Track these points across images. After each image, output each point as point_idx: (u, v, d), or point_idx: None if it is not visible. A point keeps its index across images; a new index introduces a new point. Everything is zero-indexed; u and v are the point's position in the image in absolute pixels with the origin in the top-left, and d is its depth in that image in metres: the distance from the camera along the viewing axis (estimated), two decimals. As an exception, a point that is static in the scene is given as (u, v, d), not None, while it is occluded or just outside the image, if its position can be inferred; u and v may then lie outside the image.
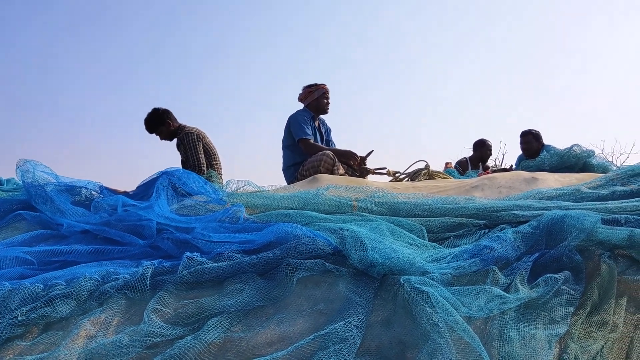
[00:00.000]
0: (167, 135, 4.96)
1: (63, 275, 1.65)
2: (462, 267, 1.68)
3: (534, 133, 5.89)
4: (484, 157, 6.86)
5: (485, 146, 6.86)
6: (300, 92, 4.92)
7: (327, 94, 4.89)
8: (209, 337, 1.38)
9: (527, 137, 5.90)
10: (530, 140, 5.86)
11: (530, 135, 5.88)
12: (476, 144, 6.91)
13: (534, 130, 5.91)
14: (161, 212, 2.25)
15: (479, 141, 6.91)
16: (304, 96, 4.88)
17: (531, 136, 5.87)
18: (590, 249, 1.84)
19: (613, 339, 1.49)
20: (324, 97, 4.86)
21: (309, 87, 4.88)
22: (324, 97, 4.86)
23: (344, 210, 2.34)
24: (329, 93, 4.90)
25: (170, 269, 1.70)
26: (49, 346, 1.39)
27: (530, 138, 5.87)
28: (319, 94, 4.83)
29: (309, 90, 4.86)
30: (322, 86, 4.87)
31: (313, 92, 4.85)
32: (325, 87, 4.88)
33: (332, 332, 1.37)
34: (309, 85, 4.89)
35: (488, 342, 1.41)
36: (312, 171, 4.26)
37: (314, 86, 4.87)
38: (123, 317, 1.52)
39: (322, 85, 4.88)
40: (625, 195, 2.52)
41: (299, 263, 1.68)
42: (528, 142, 5.87)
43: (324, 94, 4.86)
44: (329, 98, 4.91)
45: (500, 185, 2.93)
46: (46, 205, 2.41)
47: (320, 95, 4.83)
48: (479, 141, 6.91)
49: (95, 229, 2.18)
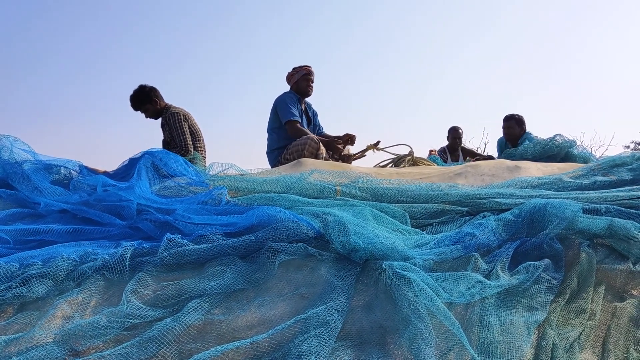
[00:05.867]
0: (152, 114, 4.87)
1: (39, 255, 1.61)
2: (444, 254, 1.69)
3: (517, 118, 5.88)
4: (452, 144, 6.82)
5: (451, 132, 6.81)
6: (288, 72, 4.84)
7: (309, 76, 4.73)
8: (189, 320, 1.36)
9: (509, 122, 5.89)
10: (512, 125, 5.86)
11: (513, 120, 5.87)
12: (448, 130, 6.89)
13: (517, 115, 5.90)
14: (142, 193, 2.21)
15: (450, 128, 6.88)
16: (288, 77, 4.78)
17: (514, 121, 5.87)
18: (570, 238, 1.86)
19: (591, 327, 1.51)
20: (305, 79, 4.72)
21: (293, 68, 4.77)
22: (305, 78, 4.72)
23: (328, 194, 2.33)
24: (312, 75, 4.75)
25: (150, 250, 1.67)
26: (24, 326, 1.37)
27: (512, 123, 5.86)
28: (300, 76, 4.70)
29: (292, 72, 4.75)
30: (305, 68, 4.73)
31: (294, 74, 4.73)
32: (308, 68, 4.73)
33: (313, 315, 1.37)
34: (294, 68, 4.77)
35: (468, 327, 1.42)
36: (295, 155, 4.23)
37: (297, 68, 4.75)
38: (101, 298, 1.50)
39: (304, 67, 4.73)
40: (605, 185, 2.56)
41: (281, 246, 1.67)
42: (510, 126, 5.87)
43: (305, 76, 4.71)
44: (312, 81, 4.77)
45: (483, 173, 2.95)
46: (23, 183, 2.36)
47: (301, 77, 4.70)
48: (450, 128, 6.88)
49: (73, 208, 2.13)
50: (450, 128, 6.86)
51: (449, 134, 6.86)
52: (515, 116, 5.90)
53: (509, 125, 5.90)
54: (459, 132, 6.79)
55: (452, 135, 6.81)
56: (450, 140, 6.83)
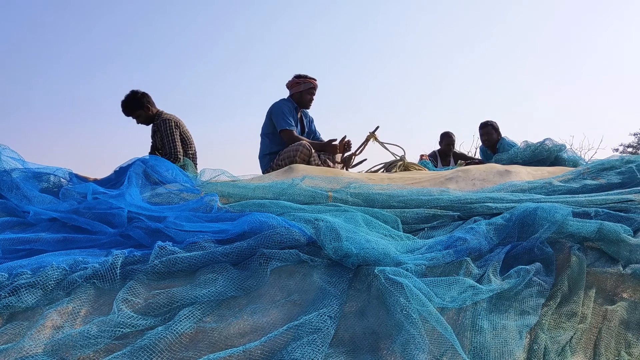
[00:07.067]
0: (144, 120, 4.83)
1: (29, 264, 1.60)
2: (436, 258, 1.69)
3: (492, 124, 6.00)
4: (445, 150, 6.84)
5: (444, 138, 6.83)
6: (290, 79, 4.81)
7: (313, 90, 4.76)
8: (181, 328, 1.35)
9: (487, 129, 6.00)
10: (490, 131, 5.97)
11: (490, 127, 5.99)
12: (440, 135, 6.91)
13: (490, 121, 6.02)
14: (132, 200, 2.20)
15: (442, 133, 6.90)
16: (291, 84, 4.75)
17: (490, 127, 5.99)
18: (560, 241, 1.87)
19: (582, 330, 1.52)
20: (308, 92, 4.73)
21: (299, 77, 4.74)
22: (309, 92, 4.73)
23: (320, 200, 2.32)
24: (316, 90, 4.78)
25: (141, 258, 1.66)
26: (13, 337, 1.35)
27: (490, 129, 5.98)
28: (305, 88, 4.69)
29: (297, 80, 4.72)
30: (311, 80, 4.74)
31: (300, 84, 4.70)
32: (314, 82, 4.75)
33: (305, 322, 1.36)
34: (300, 76, 4.75)
35: (461, 332, 1.42)
36: (287, 161, 4.22)
37: (303, 78, 4.73)
38: (92, 307, 1.49)
39: (312, 79, 4.75)
40: (595, 188, 2.58)
41: (273, 253, 1.66)
42: (488, 132, 5.98)
43: (310, 89, 4.72)
44: (314, 95, 4.79)
45: (474, 177, 2.96)
46: (12, 192, 2.34)
47: (306, 89, 4.70)
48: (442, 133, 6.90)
49: (63, 217, 2.12)
50: (442, 133, 6.87)
51: (441, 139, 6.87)
52: (490, 122, 6.01)
53: (486, 132, 6.00)
54: (452, 139, 6.81)
55: (445, 141, 6.81)
56: (443, 146, 6.83)
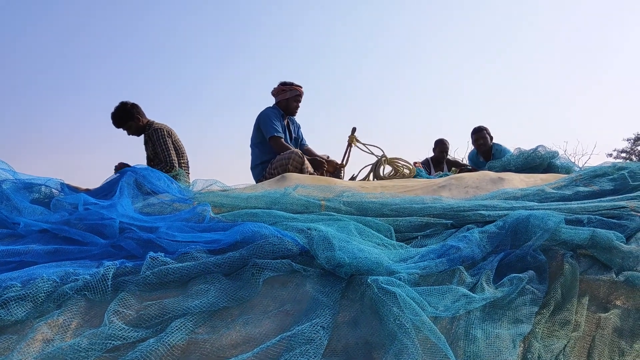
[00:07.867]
0: (135, 131, 4.82)
1: (19, 277, 1.58)
2: (429, 267, 1.69)
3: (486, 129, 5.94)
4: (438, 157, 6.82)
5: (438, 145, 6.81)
6: (275, 87, 4.82)
7: (299, 97, 4.79)
8: (173, 339, 1.34)
9: (481, 133, 5.91)
10: (484, 136, 5.90)
11: (484, 132, 5.92)
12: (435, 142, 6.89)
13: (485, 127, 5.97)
14: (124, 211, 2.19)
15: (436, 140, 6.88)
16: (276, 92, 4.77)
17: (485, 132, 5.92)
18: (553, 249, 1.87)
19: (575, 338, 1.52)
20: (295, 100, 4.76)
21: (285, 84, 4.77)
22: (295, 99, 4.76)
23: (312, 209, 2.32)
24: (301, 97, 4.81)
25: (133, 269, 1.65)
26: (2, 351, 1.33)
27: (484, 134, 5.90)
28: (291, 95, 4.73)
29: (283, 88, 4.75)
30: (297, 88, 4.77)
31: (286, 91, 4.74)
32: (300, 89, 4.78)
33: (298, 333, 1.36)
34: (285, 83, 4.77)
35: (454, 341, 1.42)
36: (280, 170, 4.22)
37: (289, 85, 4.76)
38: (82, 320, 1.47)
39: (297, 86, 4.77)
40: (587, 195, 2.59)
41: (265, 263, 1.65)
42: (483, 137, 5.90)
43: (296, 96, 4.76)
44: (300, 102, 4.81)
45: (467, 185, 2.96)
46: (2, 203, 2.32)
47: (292, 96, 4.74)
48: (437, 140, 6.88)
49: (54, 228, 2.10)
50: (437, 140, 6.85)
51: (435, 146, 6.84)
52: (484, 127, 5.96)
53: (482, 136, 5.92)
54: (446, 146, 6.79)
55: (439, 148, 6.78)
56: (437, 153, 6.81)
